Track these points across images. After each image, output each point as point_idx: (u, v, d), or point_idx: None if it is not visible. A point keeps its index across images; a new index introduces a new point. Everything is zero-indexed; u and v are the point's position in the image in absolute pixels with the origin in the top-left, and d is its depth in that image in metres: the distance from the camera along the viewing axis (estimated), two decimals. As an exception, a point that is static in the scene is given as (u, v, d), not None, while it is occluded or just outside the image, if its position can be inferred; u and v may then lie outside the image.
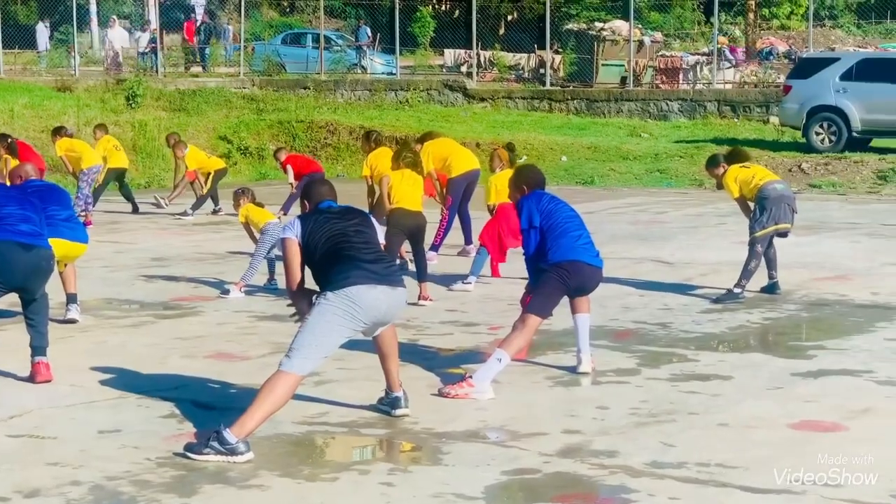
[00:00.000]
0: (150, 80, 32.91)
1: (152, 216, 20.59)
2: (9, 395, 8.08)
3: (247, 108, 32.34)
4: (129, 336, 10.37)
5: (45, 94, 30.28)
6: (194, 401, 7.94)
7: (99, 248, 16.03)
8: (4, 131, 26.23)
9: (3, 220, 8.36)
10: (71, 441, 6.96)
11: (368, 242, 7.20)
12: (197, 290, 12.78)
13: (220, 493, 6.08)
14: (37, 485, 6.13)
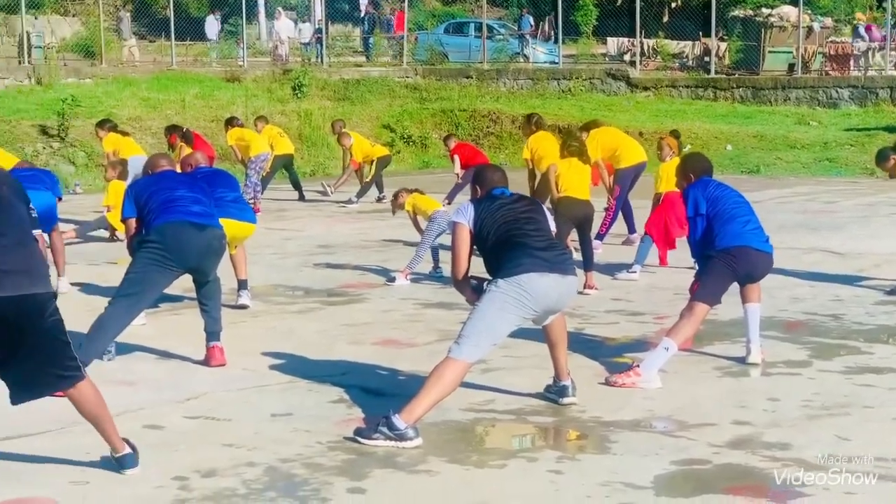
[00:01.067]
0: (315, 70, 33.37)
1: (318, 204, 20.92)
2: (185, 378, 8.29)
3: (410, 97, 32.59)
4: (297, 322, 10.54)
5: (214, 84, 30.93)
6: (362, 386, 8.04)
7: (268, 235, 16.36)
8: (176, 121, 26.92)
9: (175, 202, 8.53)
10: (245, 423, 7.11)
11: (540, 230, 7.18)
12: (363, 278, 12.93)
13: (390, 478, 6.14)
14: (213, 465, 6.27)
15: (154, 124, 26.96)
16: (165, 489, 5.91)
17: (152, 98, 28.80)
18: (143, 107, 28.12)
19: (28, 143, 25.29)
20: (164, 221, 8.42)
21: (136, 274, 8.33)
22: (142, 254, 8.36)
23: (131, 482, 6.01)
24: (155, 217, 8.45)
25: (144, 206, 8.55)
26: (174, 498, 5.78)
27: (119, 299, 8.30)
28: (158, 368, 8.67)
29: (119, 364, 8.70)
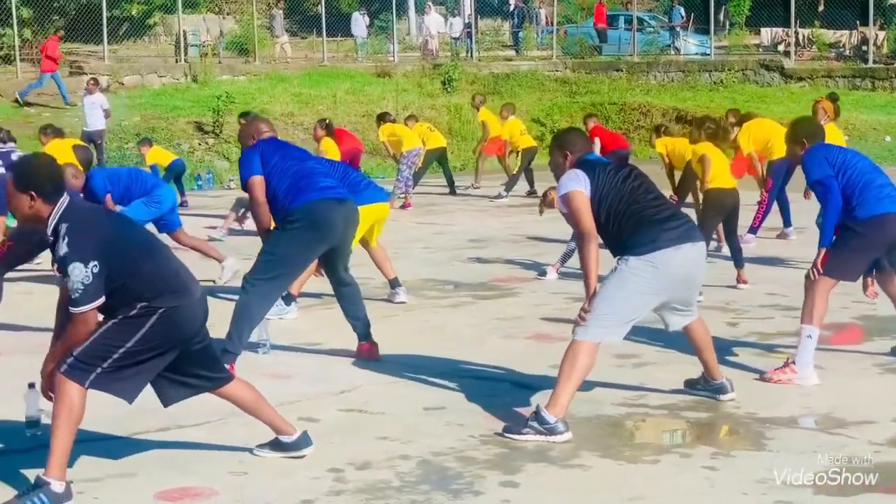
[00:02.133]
0: (464, 65, 33.46)
1: (468, 198, 20.98)
2: (338, 372, 8.38)
3: (559, 90, 32.50)
4: (449, 316, 10.59)
5: (365, 79, 31.23)
6: (514, 381, 8.04)
7: (418, 229, 16.49)
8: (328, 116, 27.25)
9: (309, 177, 8.30)
10: (398, 416, 7.17)
11: (658, 198, 7.00)
12: (514, 272, 12.93)
13: (543, 472, 6.13)
14: (367, 458, 6.33)
15: (306, 120, 27.33)
16: (321, 480, 5.98)
17: (304, 94, 29.20)
18: (296, 103, 28.53)
19: (184, 139, 25.87)
20: (308, 200, 8.17)
21: (279, 256, 8.15)
22: (286, 234, 8.16)
23: (288, 473, 6.10)
24: (295, 194, 8.16)
25: (272, 173, 8.21)
26: (329, 489, 5.86)
27: (260, 282, 8.11)
28: (312, 362, 8.78)
29: (273, 357, 8.84)
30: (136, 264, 5.70)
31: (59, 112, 26.63)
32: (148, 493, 5.84)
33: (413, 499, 5.75)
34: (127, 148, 25.05)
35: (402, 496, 5.78)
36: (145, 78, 29.66)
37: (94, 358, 5.64)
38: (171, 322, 5.72)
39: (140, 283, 5.67)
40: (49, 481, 5.59)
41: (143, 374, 5.82)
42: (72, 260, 5.52)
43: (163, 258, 5.88)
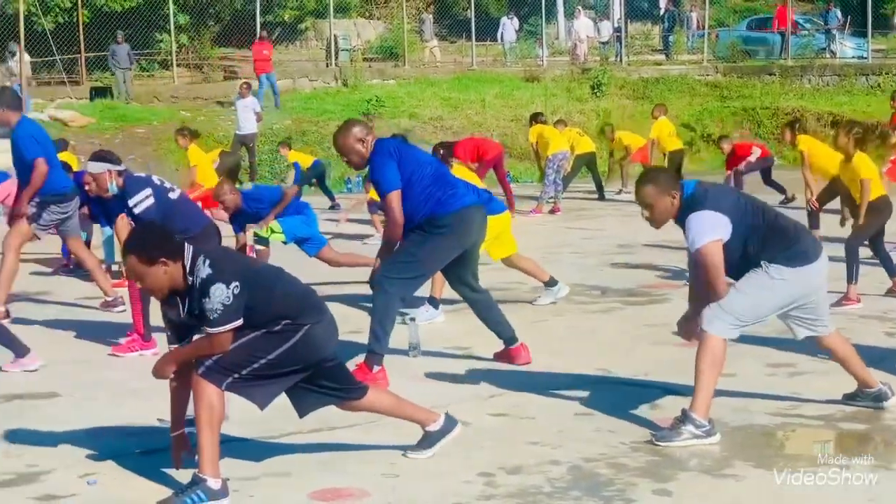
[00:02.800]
0: (614, 69, 33.28)
1: (617, 203, 20.85)
2: (487, 375, 8.38)
3: (710, 95, 32.12)
4: (599, 321, 10.53)
5: (513, 84, 31.25)
6: (664, 387, 7.94)
7: (567, 234, 16.46)
8: (476, 121, 27.40)
9: (452, 182, 8.37)
10: (548, 422, 7.14)
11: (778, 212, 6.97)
12: (663, 278, 12.80)
13: (695, 481, 6.05)
14: (518, 462, 6.32)
15: (455, 124, 27.48)
16: (472, 485, 5.99)
17: (453, 98, 29.33)
18: (445, 107, 28.68)
19: (334, 143, 26.15)
20: (460, 206, 8.20)
21: (421, 258, 8.17)
22: (431, 238, 8.15)
23: (439, 476, 6.12)
24: (443, 200, 8.16)
25: (411, 181, 8.13)
26: (480, 494, 5.86)
27: (399, 282, 8.11)
28: (462, 366, 8.79)
29: (423, 361, 8.88)
30: (271, 287, 5.87)
31: (213, 115, 27.19)
32: (301, 492, 5.91)
33: (564, 505, 5.73)
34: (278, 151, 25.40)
35: (552, 502, 5.76)
36: (297, 82, 30.11)
37: (235, 365, 5.77)
38: (312, 341, 5.89)
39: (277, 304, 5.83)
40: (205, 478, 5.72)
41: (278, 385, 5.98)
42: (214, 281, 5.65)
43: (292, 280, 6.07)
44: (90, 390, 8.23)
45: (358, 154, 8.07)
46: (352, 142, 8.06)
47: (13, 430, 7.13)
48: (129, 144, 25.30)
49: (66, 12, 31.89)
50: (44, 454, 6.63)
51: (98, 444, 6.82)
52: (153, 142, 25.50)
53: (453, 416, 6.55)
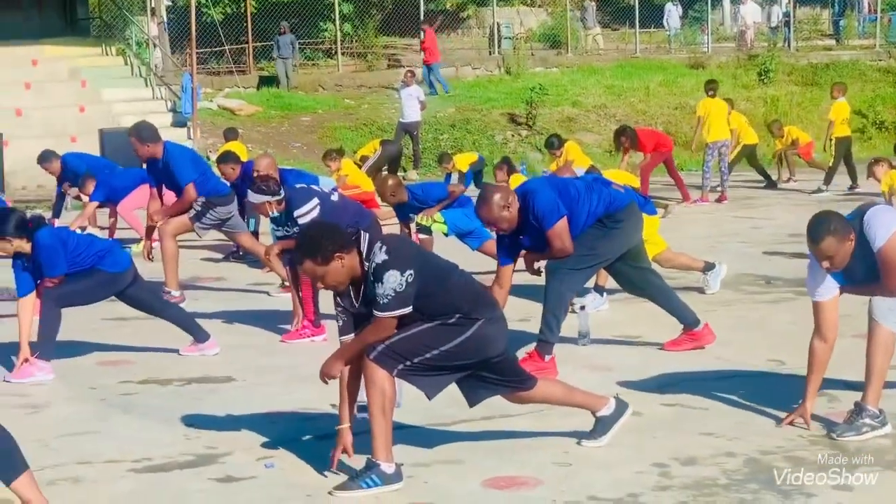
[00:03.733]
0: (781, 55, 32.62)
1: (786, 192, 20.48)
2: (658, 365, 8.30)
3: (883, 81, 31.26)
4: (769, 311, 10.34)
5: (678, 71, 30.85)
6: (843, 380, 7.73)
7: (735, 223, 16.22)
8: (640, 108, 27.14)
9: (608, 184, 8.52)
10: (722, 413, 7.04)
11: None
12: (836, 268, 12.48)
13: (876, 476, 5.88)
14: (692, 454, 6.24)
15: (618, 112, 27.26)
16: (646, 475, 5.93)
17: (616, 86, 29.09)
18: (608, 95, 28.46)
19: (498, 130, 26.19)
20: (628, 201, 8.40)
21: (598, 252, 8.25)
22: (610, 233, 8.26)
23: (612, 466, 6.08)
24: (611, 197, 8.32)
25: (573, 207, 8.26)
26: (655, 484, 5.80)
27: (574, 273, 8.19)
28: (632, 354, 8.72)
29: (593, 350, 8.84)
30: (445, 278, 5.92)
31: (376, 103, 27.42)
32: (475, 480, 5.93)
33: (741, 497, 5.63)
34: (442, 139, 25.55)
35: (729, 494, 5.67)
36: (459, 70, 30.19)
37: (407, 353, 5.80)
38: (484, 337, 5.93)
39: (451, 296, 5.88)
40: (379, 463, 5.78)
41: (447, 377, 6.02)
42: (389, 267, 5.68)
43: (466, 275, 6.12)
44: (264, 375, 8.38)
45: (506, 220, 7.96)
46: (496, 211, 7.92)
47: (191, 413, 7.29)
48: (295, 132, 25.67)
49: (234, 3, 32.51)
50: (221, 437, 6.77)
51: (274, 428, 6.94)
52: (318, 129, 25.82)
53: (624, 400, 6.54)
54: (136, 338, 9.44)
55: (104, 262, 8.52)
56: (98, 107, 24.23)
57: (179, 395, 7.91)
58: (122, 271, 8.66)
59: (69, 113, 23.75)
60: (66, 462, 5.95)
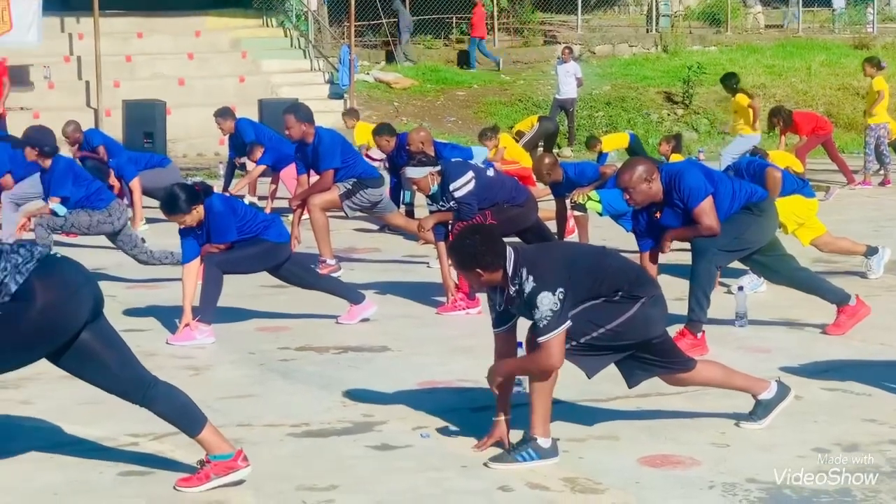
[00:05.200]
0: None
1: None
2: (819, 348, 8.16)
3: None
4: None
5: (841, 51, 30.13)
6: None
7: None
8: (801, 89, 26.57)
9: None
10: (886, 399, 6.87)
11: None
12: None
13: None
14: (854, 440, 6.12)
15: (779, 92, 26.74)
16: (806, 459, 5.83)
17: (777, 66, 28.53)
18: (768, 74, 27.94)
19: (653, 109, 25.92)
20: (766, 195, 8.47)
21: (745, 239, 8.19)
22: (757, 220, 8.21)
23: (771, 448, 6.00)
24: (753, 189, 8.34)
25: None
26: (816, 468, 5.68)
27: (721, 254, 8.13)
28: (791, 337, 8.58)
29: (751, 332, 8.72)
30: (598, 268, 5.93)
31: (532, 79, 27.35)
32: (630, 457, 5.90)
33: (905, 486, 5.51)
34: (597, 116, 25.39)
35: (892, 482, 5.54)
36: (616, 48, 29.93)
37: (572, 332, 5.80)
38: (647, 316, 5.95)
39: (612, 279, 5.91)
40: (536, 437, 5.78)
41: (608, 358, 6.04)
42: (540, 291, 5.69)
43: (616, 255, 6.21)
44: (419, 346, 8.45)
45: (643, 193, 7.85)
46: (637, 181, 7.80)
47: (348, 380, 7.39)
48: (450, 107, 25.75)
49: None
50: (377, 405, 6.85)
51: (429, 398, 6.99)
52: (473, 104, 25.86)
53: (785, 384, 6.45)
54: (293, 305, 9.58)
55: (268, 232, 8.67)
56: (257, 77, 24.60)
57: (336, 362, 8.02)
58: (285, 242, 8.81)
59: (229, 83, 24.16)
60: (228, 424, 6.06)
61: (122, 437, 6.21)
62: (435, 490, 5.54)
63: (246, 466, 5.49)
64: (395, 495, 5.47)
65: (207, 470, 5.44)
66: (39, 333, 5.09)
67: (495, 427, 6.03)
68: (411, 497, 5.45)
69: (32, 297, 5.03)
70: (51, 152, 10.83)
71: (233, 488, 5.46)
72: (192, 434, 5.46)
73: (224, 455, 5.45)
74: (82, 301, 5.21)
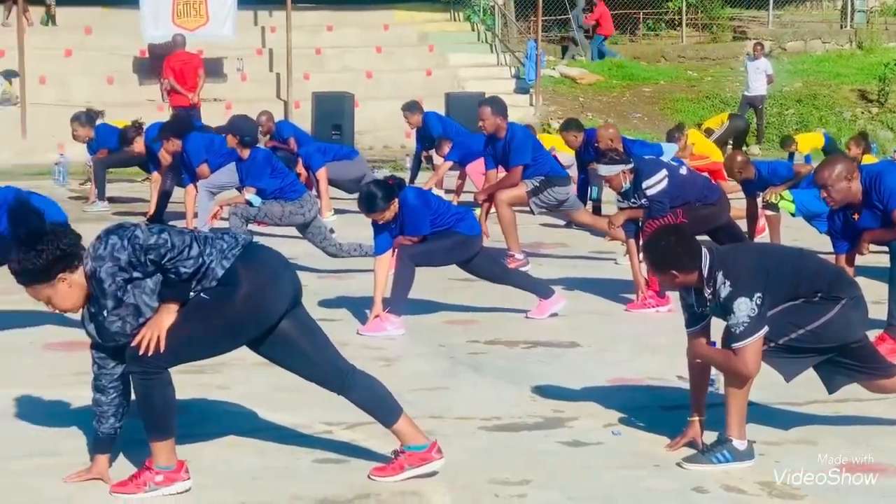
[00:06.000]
0: None
1: None
2: None
3: None
4: None
5: None
6: None
7: None
8: None
9: None
10: None
11: None
12: None
13: None
14: None
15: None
16: None
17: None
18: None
19: (846, 107, 25.33)
20: None
21: None
22: None
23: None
24: None
25: None
26: None
27: None
28: None
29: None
30: (795, 271, 5.82)
31: (720, 76, 26.96)
32: (829, 463, 5.76)
33: None
34: (787, 114, 24.90)
35: None
36: (808, 44, 29.30)
37: (772, 334, 5.71)
38: (848, 319, 5.83)
39: (811, 280, 5.81)
40: (731, 439, 5.70)
41: (807, 361, 5.93)
42: (737, 296, 5.61)
43: (813, 257, 6.10)
44: (609, 342, 8.41)
45: (841, 192, 7.59)
46: (836, 179, 7.55)
47: (537, 375, 7.39)
48: (636, 103, 25.55)
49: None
50: (568, 401, 6.82)
51: (619, 395, 6.95)
52: (659, 101, 25.61)
53: None
54: (481, 299, 9.60)
55: (461, 225, 8.71)
56: (444, 71, 24.76)
57: (525, 357, 8.02)
58: (477, 235, 8.85)
59: (416, 76, 24.36)
60: (420, 415, 6.10)
61: (316, 424, 6.31)
62: (628, 488, 5.50)
63: (440, 458, 5.52)
64: (587, 492, 5.45)
65: (402, 460, 5.49)
66: (244, 319, 5.20)
67: (689, 427, 5.95)
68: (604, 494, 5.42)
69: (238, 282, 5.14)
70: (250, 142, 11.07)
71: (426, 480, 5.50)
72: (388, 424, 5.51)
73: (419, 446, 5.49)
74: (284, 288, 5.31)
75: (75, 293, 5.15)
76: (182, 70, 19.53)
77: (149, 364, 5.13)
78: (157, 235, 5.03)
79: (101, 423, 5.40)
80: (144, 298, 5.12)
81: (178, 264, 5.02)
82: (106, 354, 5.33)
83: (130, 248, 5.02)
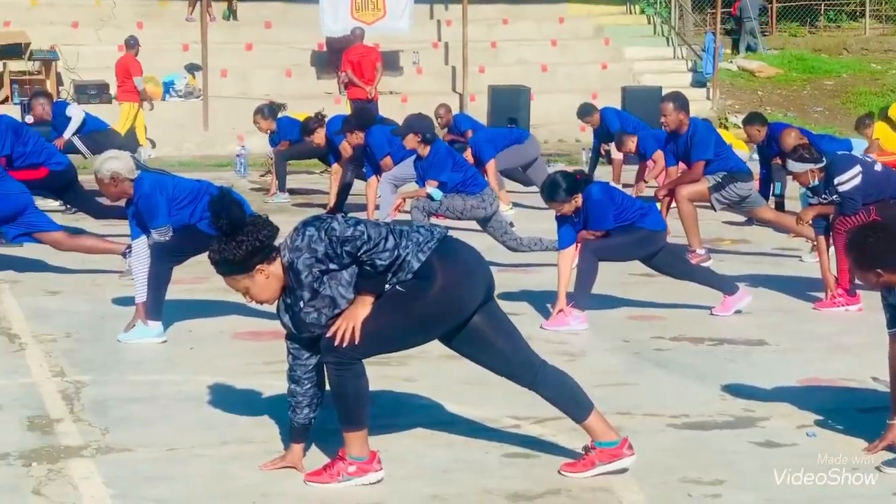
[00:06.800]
0: None
1: None
2: None
3: None
4: None
5: None
6: None
7: None
8: None
9: None
10: None
11: None
12: None
13: None
14: None
15: None
16: None
17: None
18: None
19: None
20: None
21: None
22: None
23: None
24: None
25: None
26: None
27: None
28: None
29: None
30: None
31: None
32: None
33: None
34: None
35: None
36: None
37: None
38: None
39: None
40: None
41: None
42: None
43: None
44: (797, 341, 8.23)
45: None
46: None
47: (725, 373, 7.27)
48: (817, 96, 25.02)
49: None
50: (758, 401, 6.68)
51: (811, 396, 6.78)
52: (841, 94, 25.04)
53: None
54: (664, 294, 9.48)
55: (646, 220, 8.62)
56: (620, 65, 24.57)
57: (712, 354, 7.90)
58: (662, 230, 8.75)
59: (592, 70, 24.23)
60: (608, 411, 6.01)
61: (503, 418, 6.30)
62: (826, 492, 5.35)
63: (631, 455, 5.46)
64: (784, 494, 5.32)
65: (592, 457, 5.44)
66: (438, 312, 5.20)
67: (889, 430, 5.77)
68: (803, 498, 5.29)
69: (433, 275, 5.15)
70: (431, 139, 11.09)
71: (617, 476, 5.44)
72: (579, 419, 5.46)
73: (610, 442, 5.44)
74: (478, 282, 5.31)
75: (273, 284, 5.22)
76: (360, 63, 19.75)
77: (343, 355, 5.17)
78: (353, 227, 5.06)
79: (295, 413, 5.47)
80: (340, 290, 5.17)
81: (373, 256, 5.05)
82: (300, 345, 5.40)
83: (327, 240, 5.07)
